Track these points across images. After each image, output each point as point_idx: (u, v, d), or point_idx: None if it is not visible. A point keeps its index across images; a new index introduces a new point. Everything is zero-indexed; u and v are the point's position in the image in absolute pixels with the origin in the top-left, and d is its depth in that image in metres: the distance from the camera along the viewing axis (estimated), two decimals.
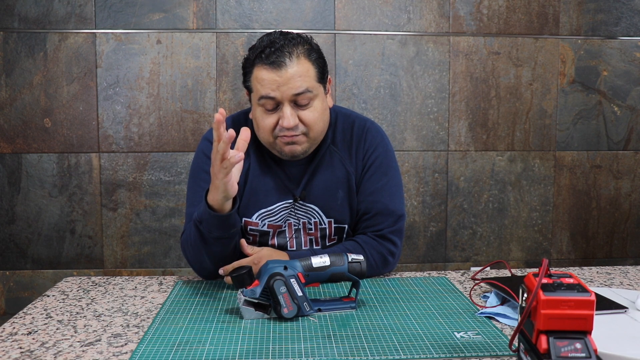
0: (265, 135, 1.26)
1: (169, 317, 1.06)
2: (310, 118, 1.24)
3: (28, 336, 0.97)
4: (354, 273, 1.08)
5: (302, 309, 1.04)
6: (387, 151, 1.38)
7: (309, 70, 1.22)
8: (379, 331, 0.98)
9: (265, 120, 1.24)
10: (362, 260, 1.08)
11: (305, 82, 1.21)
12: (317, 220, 1.34)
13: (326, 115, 1.29)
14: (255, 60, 1.23)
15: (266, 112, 1.24)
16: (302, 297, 1.04)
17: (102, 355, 0.89)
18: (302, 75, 1.21)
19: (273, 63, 1.19)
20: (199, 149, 1.37)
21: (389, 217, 1.34)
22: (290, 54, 1.20)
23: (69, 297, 1.19)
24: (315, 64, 1.24)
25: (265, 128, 1.25)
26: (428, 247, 2.42)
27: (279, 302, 1.02)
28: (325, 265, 1.07)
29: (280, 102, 1.22)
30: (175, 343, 0.93)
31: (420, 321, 1.03)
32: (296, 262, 1.07)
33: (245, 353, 0.89)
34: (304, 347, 0.91)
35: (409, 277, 1.33)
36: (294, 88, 1.20)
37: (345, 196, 1.35)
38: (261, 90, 1.22)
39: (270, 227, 1.34)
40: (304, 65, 1.22)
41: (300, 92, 1.21)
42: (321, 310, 1.07)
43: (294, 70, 1.20)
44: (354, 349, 0.90)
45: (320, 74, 1.26)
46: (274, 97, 1.21)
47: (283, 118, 1.21)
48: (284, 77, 1.19)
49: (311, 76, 1.23)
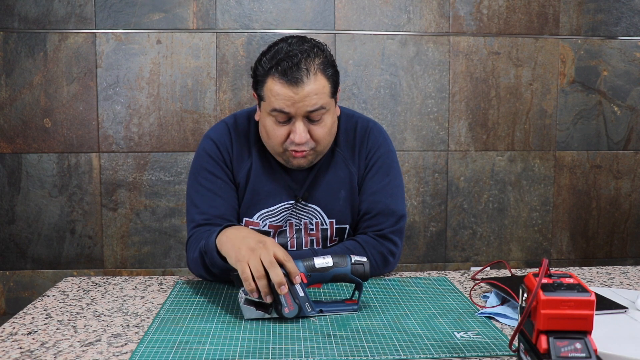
0: (275, 146, 1.25)
1: (169, 317, 1.05)
2: (320, 134, 1.23)
3: (28, 336, 0.97)
4: (357, 275, 1.07)
5: (303, 310, 1.04)
6: (389, 152, 1.38)
7: (325, 87, 1.21)
8: (379, 331, 0.98)
9: (277, 132, 1.23)
10: (365, 262, 1.07)
11: (320, 100, 1.20)
12: (318, 220, 1.34)
13: (334, 128, 1.29)
14: (270, 70, 1.19)
15: (277, 124, 1.22)
16: (303, 297, 1.03)
17: (102, 355, 0.89)
18: (318, 93, 1.19)
19: (290, 80, 1.17)
20: (201, 148, 1.35)
21: (390, 217, 1.34)
22: (308, 71, 1.18)
23: (69, 297, 1.19)
24: (330, 79, 1.22)
25: (276, 140, 1.24)
26: (428, 247, 2.42)
27: (280, 301, 1.01)
28: (328, 266, 1.06)
29: (293, 117, 1.21)
30: (175, 343, 0.93)
31: (420, 321, 1.03)
32: (298, 262, 1.06)
33: (245, 353, 0.89)
34: (304, 347, 0.91)
35: (409, 277, 1.33)
36: (309, 105, 1.19)
37: (347, 196, 1.34)
38: (275, 104, 1.19)
39: (271, 227, 1.34)
40: (320, 82, 1.20)
41: (315, 110, 1.20)
42: (323, 311, 1.06)
43: (310, 88, 1.18)
44: (354, 349, 0.90)
45: (334, 89, 1.24)
46: (288, 112, 1.19)
47: (295, 133, 1.20)
48: (300, 94, 1.18)
49: (326, 93, 1.21)
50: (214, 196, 1.30)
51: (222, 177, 1.31)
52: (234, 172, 1.33)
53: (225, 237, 1.11)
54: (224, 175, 1.32)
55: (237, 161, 1.33)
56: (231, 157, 1.33)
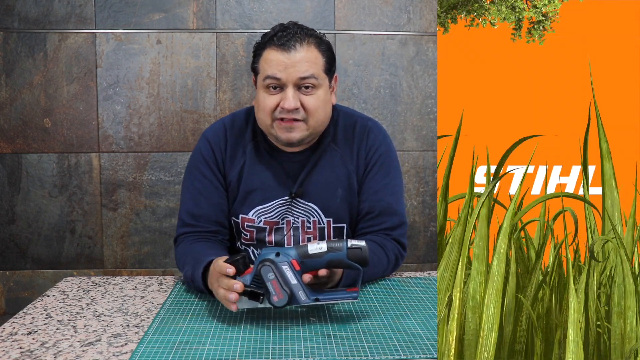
0: (265, 116, 1.27)
1: (169, 317, 1.06)
2: (311, 104, 1.25)
3: (28, 336, 0.97)
4: (355, 259, 1.00)
5: (296, 298, 0.99)
6: (389, 151, 1.38)
7: (317, 58, 1.25)
8: (379, 331, 0.98)
9: (267, 101, 1.25)
10: (363, 246, 1.00)
11: (312, 68, 1.23)
12: (316, 219, 1.34)
13: (328, 107, 1.30)
14: (266, 43, 1.25)
15: (269, 93, 1.25)
16: (296, 285, 0.98)
17: (102, 355, 0.89)
18: (309, 60, 1.23)
19: (283, 45, 1.22)
20: (197, 148, 1.38)
21: (393, 217, 1.34)
22: (302, 40, 1.23)
23: (69, 297, 1.19)
24: (324, 54, 1.27)
25: (266, 109, 1.25)
26: (428, 247, 2.42)
27: (268, 289, 0.98)
28: (321, 252, 1.00)
29: (285, 85, 1.23)
30: (175, 343, 0.93)
31: (420, 321, 1.03)
32: (291, 249, 1.01)
33: (245, 353, 0.89)
34: (304, 347, 0.91)
35: (409, 277, 1.33)
36: (300, 71, 1.22)
37: (345, 195, 1.35)
38: (267, 70, 1.23)
39: (267, 224, 1.35)
40: (313, 52, 1.24)
41: (306, 77, 1.23)
42: (319, 300, 1.00)
43: (302, 55, 1.22)
44: (354, 349, 0.90)
45: (328, 66, 1.28)
46: (280, 77, 1.22)
47: (285, 99, 1.23)
48: (292, 59, 1.22)
49: (319, 64, 1.25)
50: (200, 196, 1.34)
51: (211, 178, 1.35)
52: (226, 172, 1.36)
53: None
54: (214, 177, 1.35)
55: (230, 160, 1.35)
56: (224, 158, 1.35)
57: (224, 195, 1.36)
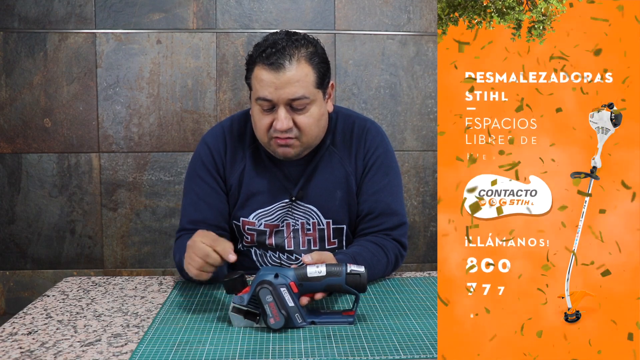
0: (261, 134, 1.28)
1: (169, 317, 1.06)
2: (304, 123, 1.24)
3: (28, 336, 0.97)
4: (353, 285, 1.01)
5: (292, 321, 0.99)
6: (388, 152, 1.38)
7: (308, 75, 1.22)
8: (379, 331, 0.98)
9: (262, 120, 1.25)
10: (362, 272, 1.01)
11: (302, 88, 1.21)
12: (315, 220, 1.34)
13: (323, 121, 1.29)
14: (257, 58, 1.23)
15: (263, 112, 1.25)
16: (293, 307, 0.99)
17: (102, 355, 0.89)
18: (300, 80, 1.20)
19: (272, 64, 1.19)
20: (197, 153, 1.39)
21: (393, 217, 1.34)
22: (291, 57, 1.20)
23: (69, 297, 1.19)
24: (315, 68, 1.23)
25: (261, 128, 1.26)
26: (428, 247, 2.42)
27: (265, 311, 0.98)
28: (320, 276, 1.00)
29: (277, 104, 1.22)
30: (175, 343, 0.93)
31: (420, 321, 1.03)
32: (290, 270, 1.01)
33: (245, 353, 0.89)
34: (304, 347, 0.91)
35: (409, 277, 1.33)
36: (290, 93, 1.20)
37: (344, 197, 1.35)
38: (259, 91, 1.22)
39: (267, 227, 1.35)
40: (304, 69, 1.21)
41: (296, 98, 1.21)
42: (315, 323, 1.02)
43: (291, 74, 1.19)
44: (354, 349, 0.91)
45: (320, 79, 1.25)
46: (271, 99, 1.21)
47: (277, 120, 1.22)
48: (281, 80, 1.19)
49: (309, 82, 1.22)
50: (199, 201, 1.34)
51: (211, 183, 1.35)
52: (226, 176, 1.36)
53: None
54: (214, 182, 1.35)
55: (230, 164, 1.35)
56: (224, 163, 1.35)
57: (224, 200, 1.36)
